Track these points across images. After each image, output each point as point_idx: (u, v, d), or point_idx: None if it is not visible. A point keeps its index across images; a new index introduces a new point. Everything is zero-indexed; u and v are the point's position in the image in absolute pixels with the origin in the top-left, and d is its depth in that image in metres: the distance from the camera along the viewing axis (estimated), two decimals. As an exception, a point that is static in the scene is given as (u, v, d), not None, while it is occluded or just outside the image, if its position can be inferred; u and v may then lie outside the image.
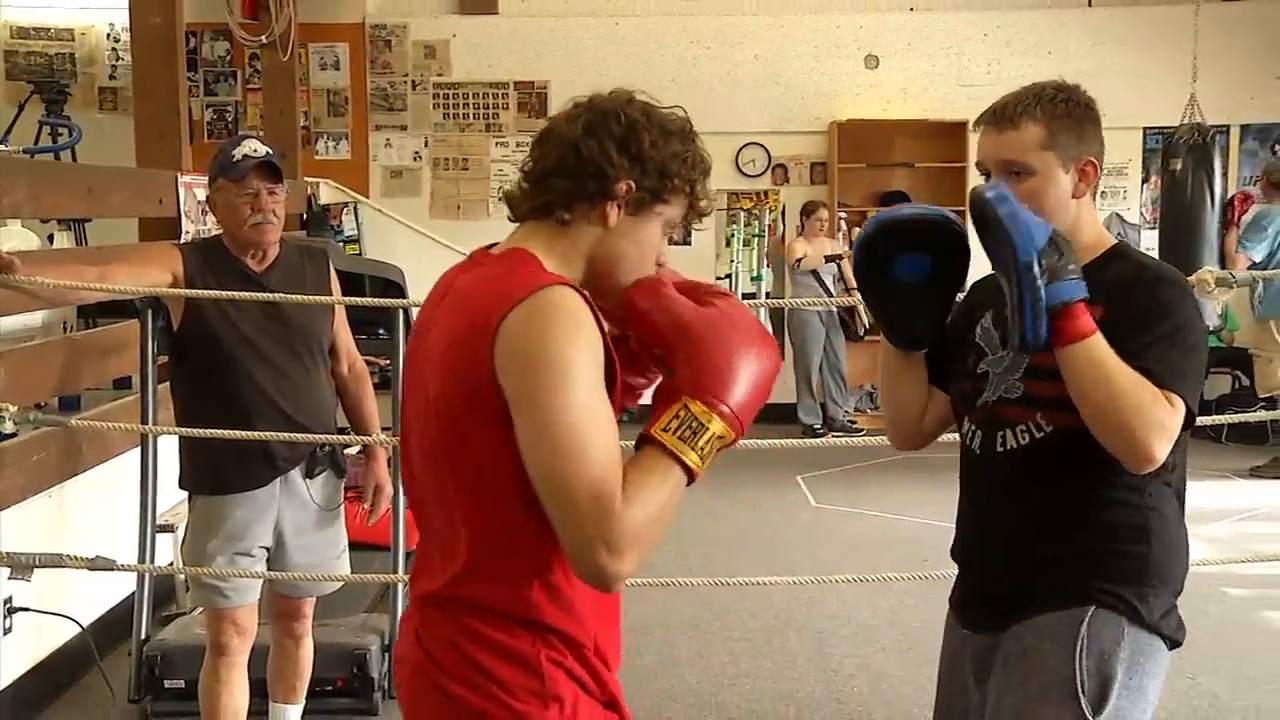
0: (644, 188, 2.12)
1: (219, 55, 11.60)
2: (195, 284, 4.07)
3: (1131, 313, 2.53)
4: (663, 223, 2.18)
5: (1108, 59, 11.46)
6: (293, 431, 4.13)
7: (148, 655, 5.06)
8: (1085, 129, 2.62)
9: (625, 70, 11.40)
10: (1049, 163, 2.58)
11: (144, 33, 6.87)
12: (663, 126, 2.14)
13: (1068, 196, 2.61)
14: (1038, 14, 11.59)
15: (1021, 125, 2.59)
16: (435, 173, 11.68)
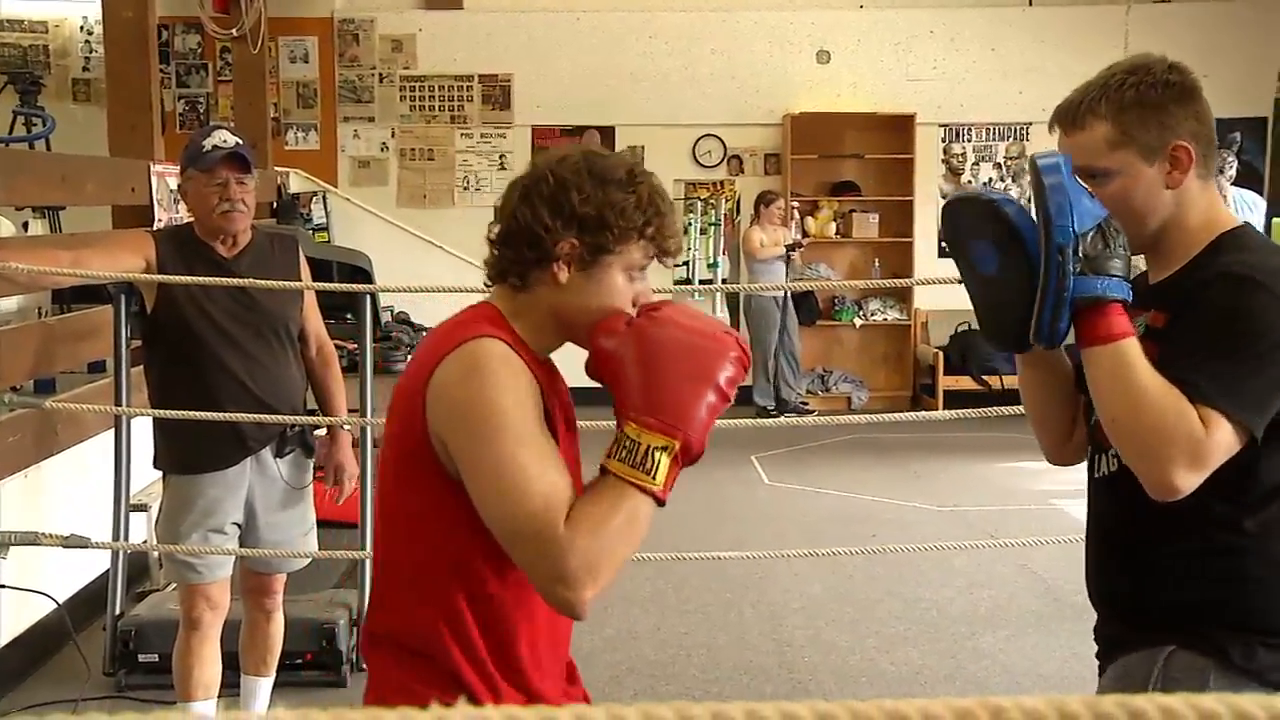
0: (585, 243, 2.09)
1: (190, 48, 11.52)
2: (167, 270, 4.04)
3: (1199, 314, 2.18)
4: (622, 268, 2.12)
5: (1047, 56, 11.51)
6: (262, 413, 4.11)
7: (122, 630, 5.03)
8: (1167, 111, 2.21)
9: (586, 64, 11.41)
10: (1127, 161, 2.22)
11: (116, 25, 6.81)
12: (599, 177, 2.09)
13: (1159, 190, 2.23)
14: (981, 12, 11.64)
15: (1088, 125, 2.23)
16: (402, 163, 11.65)
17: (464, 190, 11.66)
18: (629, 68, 11.42)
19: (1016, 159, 11.93)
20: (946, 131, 11.88)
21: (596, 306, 2.11)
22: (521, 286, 2.14)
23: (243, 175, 4.02)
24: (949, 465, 9.42)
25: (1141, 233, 2.25)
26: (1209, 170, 2.27)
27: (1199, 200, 2.26)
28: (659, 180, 2.18)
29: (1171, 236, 2.26)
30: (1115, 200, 2.20)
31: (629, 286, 2.13)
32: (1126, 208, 2.22)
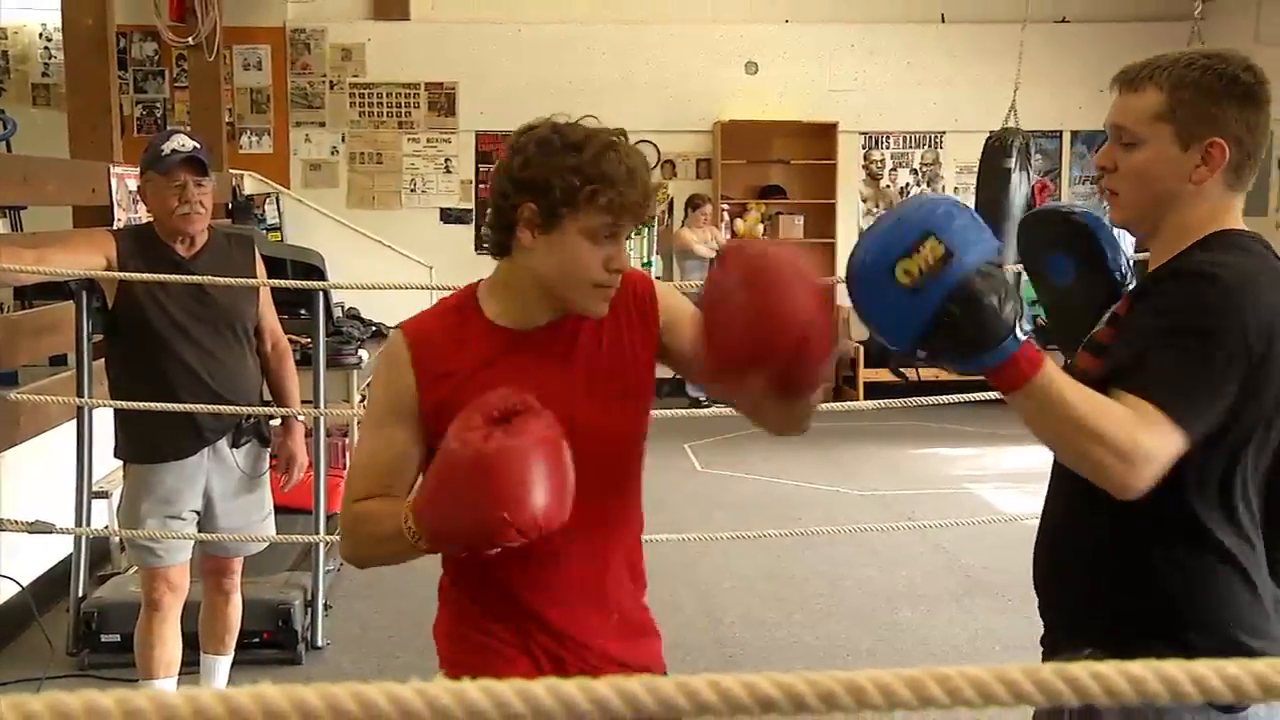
0: (540, 207, 2.06)
1: (148, 55, 11.39)
2: (128, 267, 3.99)
3: (1152, 304, 2.04)
4: (579, 231, 2.06)
5: (958, 69, 11.64)
6: (218, 405, 4.08)
7: (85, 612, 4.99)
8: (1220, 104, 2.01)
9: (527, 73, 11.37)
10: (1160, 135, 2.04)
11: (76, 33, 6.72)
12: (547, 143, 2.07)
13: (1181, 179, 2.04)
14: (898, 28, 11.71)
15: (1143, 89, 2.05)
16: (351, 166, 11.57)
17: (411, 192, 11.61)
18: (568, 76, 11.39)
19: (931, 165, 12.04)
20: (866, 139, 11.95)
21: (565, 266, 2.09)
22: (505, 255, 2.16)
23: (200, 178, 3.98)
24: (869, 452, 9.48)
25: (1145, 213, 2.12)
26: (1240, 181, 2.07)
27: (1215, 205, 2.07)
28: (627, 146, 2.10)
29: (1172, 228, 2.09)
30: (1136, 169, 2.07)
31: (594, 250, 2.08)
32: (1142, 181, 2.08)
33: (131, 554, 4.48)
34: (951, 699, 0.72)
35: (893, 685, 0.71)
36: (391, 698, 0.70)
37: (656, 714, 0.73)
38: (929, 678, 0.71)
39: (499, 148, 11.54)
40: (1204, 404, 1.93)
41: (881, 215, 2.03)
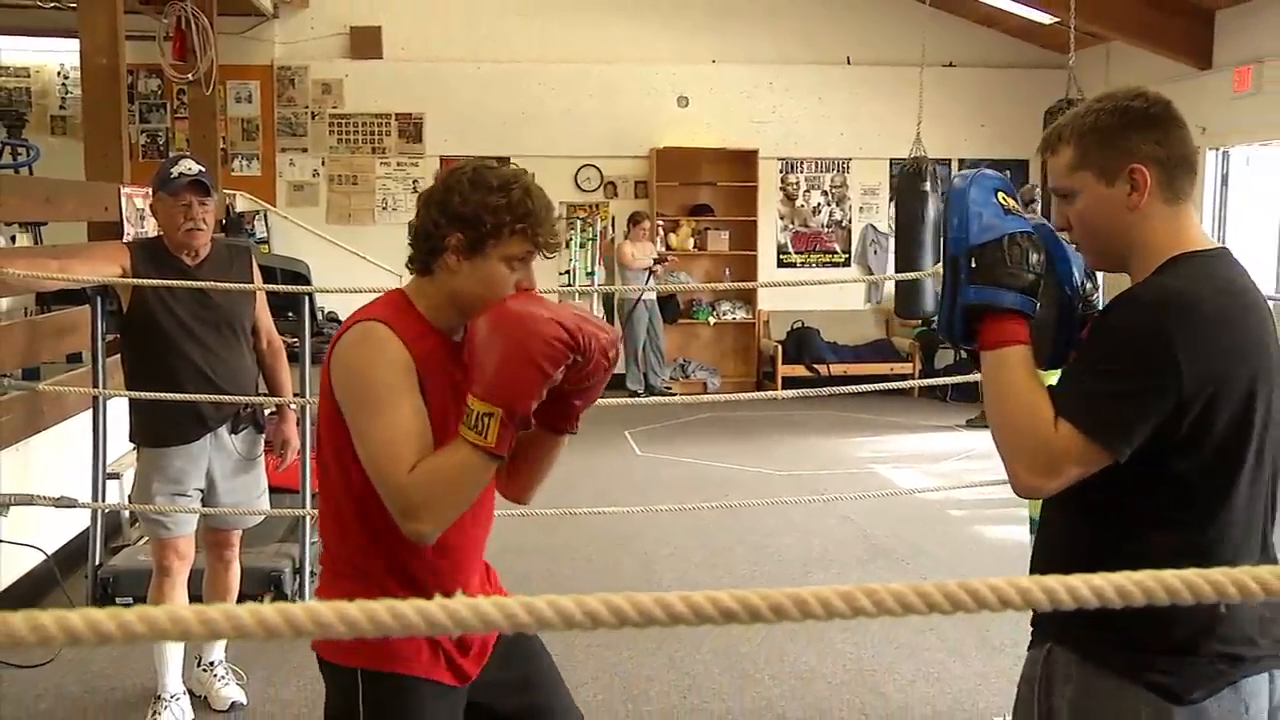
0: (468, 237, 2.14)
1: (151, 90, 11.31)
2: (140, 276, 4.01)
3: (1094, 330, 2.01)
4: (500, 258, 2.15)
5: (862, 105, 11.79)
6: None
7: (101, 577, 5.00)
8: (1124, 135, 1.95)
9: (486, 105, 11.41)
10: (1085, 182, 1.98)
11: (93, 71, 6.71)
12: (480, 184, 2.14)
13: (1121, 211, 1.96)
14: (809, 69, 11.84)
15: (1058, 150, 2.02)
16: (331, 187, 11.54)
17: (383, 210, 11.60)
18: (521, 108, 11.45)
19: (840, 187, 12.16)
20: (783, 164, 12.07)
21: (483, 289, 2.16)
22: (427, 273, 2.21)
23: (204, 198, 4.01)
24: (787, 438, 9.59)
25: (1107, 251, 2.04)
26: (1176, 194, 1.97)
27: (1163, 223, 1.97)
28: (537, 187, 2.20)
29: (1138, 257, 1.99)
30: (1080, 218, 2.01)
31: (509, 275, 2.16)
32: (1090, 226, 2.01)
33: (144, 527, 4.50)
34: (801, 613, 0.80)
35: (831, 599, 0.79)
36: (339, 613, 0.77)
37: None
38: (860, 592, 0.79)
39: (462, 171, 11.57)
40: (1123, 423, 1.85)
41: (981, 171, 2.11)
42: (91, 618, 0.75)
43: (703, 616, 0.81)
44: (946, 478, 8.02)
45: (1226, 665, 1.91)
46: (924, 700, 4.48)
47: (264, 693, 4.46)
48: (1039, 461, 1.87)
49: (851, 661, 4.85)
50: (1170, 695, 1.90)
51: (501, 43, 11.52)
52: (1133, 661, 1.92)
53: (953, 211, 2.00)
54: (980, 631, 5.17)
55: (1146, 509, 1.92)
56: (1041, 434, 1.86)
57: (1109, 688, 1.94)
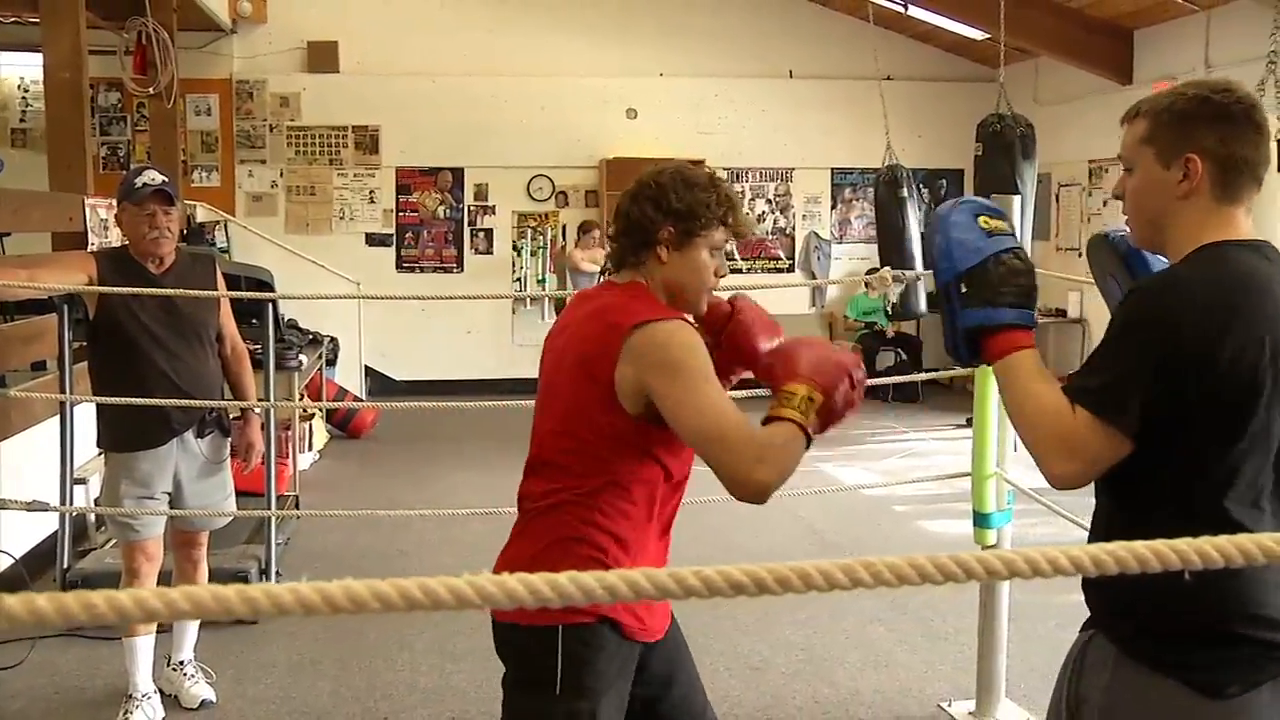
0: (679, 229, 2.31)
1: (112, 103, 11.14)
2: (107, 284, 3.95)
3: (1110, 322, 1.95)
4: (707, 247, 2.33)
5: (804, 116, 11.85)
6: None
7: (70, 579, 4.95)
8: (1192, 122, 1.89)
9: (441, 118, 11.35)
10: (1145, 159, 1.94)
11: (56, 85, 6.63)
12: (688, 181, 2.32)
13: (1168, 196, 1.92)
14: (753, 81, 11.87)
15: (1135, 121, 1.97)
16: (289, 197, 11.42)
17: (340, 219, 11.50)
18: (476, 121, 11.40)
19: (784, 196, 12.20)
20: (729, 174, 12.07)
21: (693, 277, 2.35)
22: (637, 265, 2.35)
23: (168, 208, 3.95)
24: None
25: (1149, 230, 2.00)
26: (1230, 194, 1.91)
27: (1205, 218, 1.91)
28: (731, 186, 2.39)
29: (1173, 244, 1.95)
30: (1133, 193, 1.98)
31: (711, 261, 2.35)
32: (1138, 202, 1.98)
33: (113, 530, 4.43)
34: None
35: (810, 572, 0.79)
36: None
37: None
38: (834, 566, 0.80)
39: (415, 180, 11.52)
40: (1122, 400, 1.84)
41: (963, 198, 2.15)
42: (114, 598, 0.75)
43: (714, 590, 0.86)
44: (890, 474, 8.07)
45: (1265, 659, 1.85)
46: (873, 687, 4.50)
47: (233, 690, 4.41)
48: (1063, 449, 1.86)
49: (803, 652, 4.86)
50: (1206, 689, 1.83)
51: (456, 57, 11.46)
52: (1167, 653, 1.86)
53: (937, 242, 2.02)
54: (925, 622, 5.20)
55: (1158, 484, 1.88)
56: (1062, 423, 1.86)
57: (1142, 679, 1.88)
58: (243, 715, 4.23)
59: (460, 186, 11.63)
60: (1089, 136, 10.54)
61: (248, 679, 4.52)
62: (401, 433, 9.67)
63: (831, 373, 2.13)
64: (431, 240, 11.64)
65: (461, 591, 0.77)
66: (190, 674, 4.34)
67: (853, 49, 11.24)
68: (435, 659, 4.69)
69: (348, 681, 4.52)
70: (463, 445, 9.01)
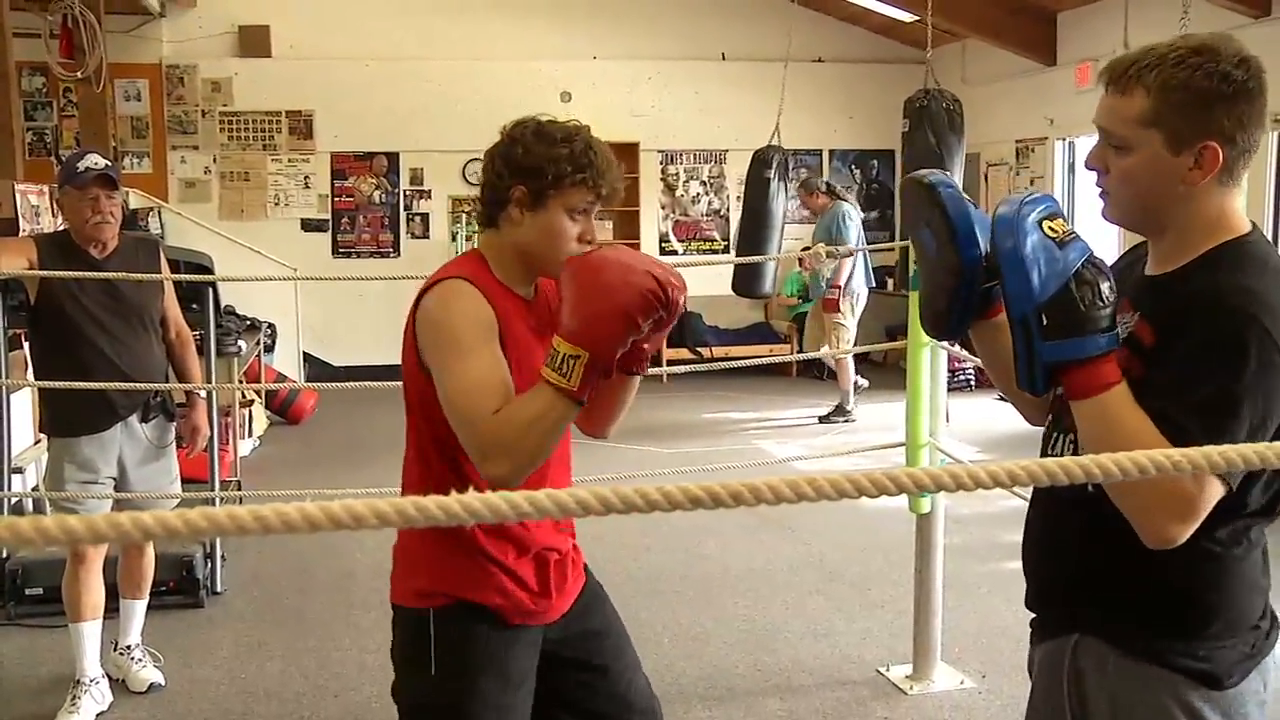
0: (531, 188, 2.13)
1: (36, 87, 10.94)
2: (48, 268, 3.93)
3: (1189, 344, 1.66)
4: (563, 208, 2.14)
5: (736, 98, 11.92)
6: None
7: (10, 569, 4.89)
8: (1211, 107, 1.64)
9: (374, 102, 11.29)
10: (1150, 142, 1.68)
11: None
12: (542, 136, 2.14)
13: (1173, 183, 1.68)
14: (686, 64, 11.93)
15: (1130, 91, 1.69)
16: (223, 183, 11.32)
17: (275, 205, 11.41)
18: (410, 105, 11.36)
19: (717, 178, 12.28)
20: (663, 156, 12.16)
21: (546, 239, 2.16)
22: (494, 228, 2.21)
23: (111, 192, 3.93)
24: (672, 416, 9.69)
25: (1135, 215, 1.80)
26: (1234, 177, 1.71)
27: (1212, 203, 1.72)
28: (599, 141, 2.18)
29: (1175, 233, 1.74)
30: (1126, 174, 1.73)
31: (571, 226, 2.16)
32: (1133, 186, 1.73)
33: (57, 515, 4.41)
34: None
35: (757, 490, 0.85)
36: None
37: None
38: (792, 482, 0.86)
39: (350, 165, 11.46)
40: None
41: (1003, 198, 1.78)
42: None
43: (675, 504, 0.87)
44: (826, 450, 8.19)
45: (1256, 645, 1.80)
46: (814, 655, 4.60)
47: (181, 673, 4.41)
48: (1188, 513, 1.62)
49: (745, 622, 4.95)
50: (1211, 680, 1.76)
51: (388, 41, 11.40)
52: (1170, 649, 1.77)
53: (1005, 268, 1.68)
54: (862, 592, 5.32)
55: None
56: (1183, 486, 1.59)
57: (1148, 676, 1.78)
58: (191, 698, 4.24)
59: (396, 171, 11.59)
60: (1016, 116, 10.74)
61: (195, 661, 4.53)
62: (340, 418, 9.65)
63: (604, 325, 1.93)
64: (368, 225, 11.59)
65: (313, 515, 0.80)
66: (138, 658, 4.33)
67: (783, 32, 11.29)
68: (381, 637, 4.67)
69: (295, 661, 4.55)
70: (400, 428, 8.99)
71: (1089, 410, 1.68)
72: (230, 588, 5.31)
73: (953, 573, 4.75)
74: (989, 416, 9.36)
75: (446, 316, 2.10)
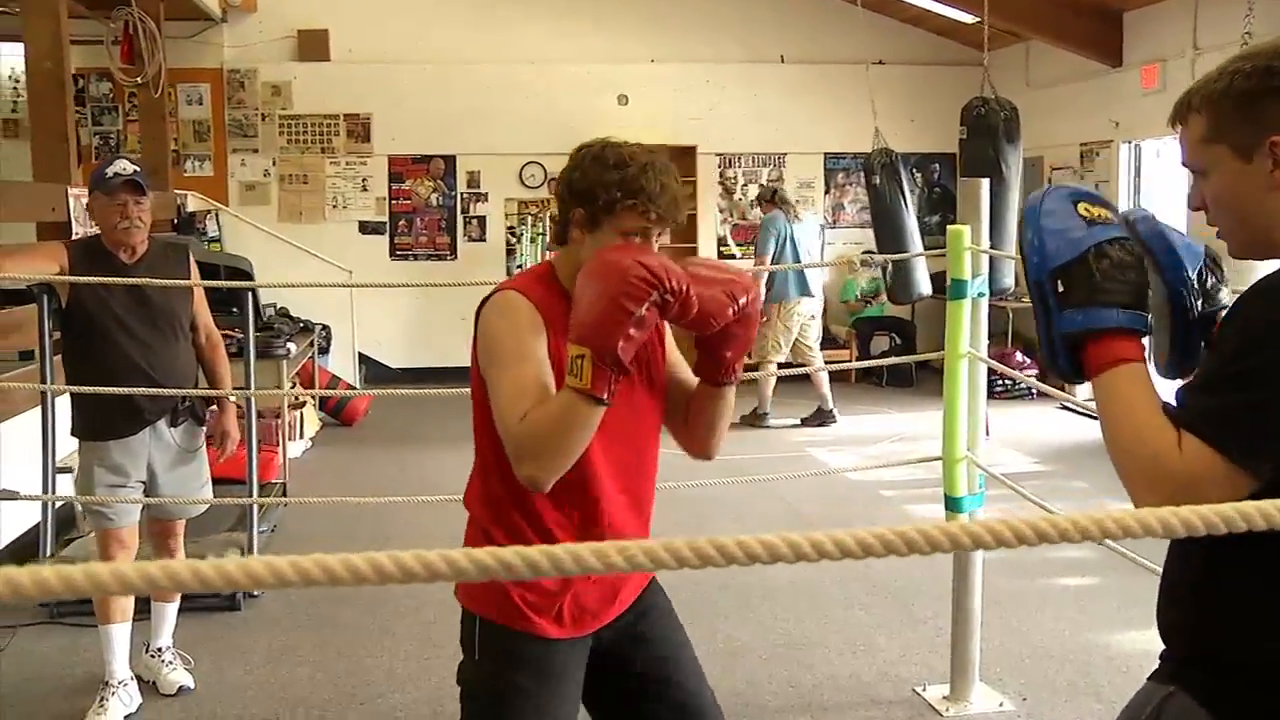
0: (587, 212, 2.19)
1: (103, 93, 11.11)
2: (77, 273, 3.95)
3: (1225, 331, 1.61)
4: (617, 232, 2.17)
5: (796, 101, 11.80)
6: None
7: (51, 569, 4.93)
8: (1260, 102, 1.57)
9: (432, 105, 11.32)
10: (1219, 157, 1.62)
11: (38, 74, 6.62)
12: (600, 160, 2.18)
13: (1261, 190, 1.59)
14: (743, 67, 11.82)
15: (1189, 119, 1.66)
16: (281, 186, 11.40)
17: (332, 208, 11.47)
18: (467, 108, 11.37)
19: (775, 181, 12.15)
20: (721, 159, 12.06)
21: None
22: (564, 245, 2.28)
23: (139, 197, 3.94)
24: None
25: (1249, 237, 1.66)
26: None
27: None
28: (660, 165, 2.20)
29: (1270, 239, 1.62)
30: (1216, 199, 1.66)
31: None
32: (1227, 208, 1.65)
33: (89, 518, 4.44)
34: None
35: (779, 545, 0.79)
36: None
37: None
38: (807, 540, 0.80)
39: (408, 168, 11.51)
40: (1248, 429, 1.51)
41: (1058, 185, 1.81)
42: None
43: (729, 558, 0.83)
44: (879, 459, 8.05)
45: None
46: (850, 672, 4.50)
47: (211, 676, 4.42)
48: (1168, 490, 1.51)
49: (781, 636, 4.86)
50: None
51: (446, 45, 11.42)
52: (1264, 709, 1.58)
53: (1027, 236, 1.70)
54: (906, 606, 5.20)
55: None
56: (1167, 461, 1.52)
57: None
58: (219, 701, 4.24)
59: (452, 174, 11.61)
60: (1081, 119, 10.49)
61: (226, 665, 4.53)
62: (394, 419, 9.68)
63: (598, 318, 1.98)
64: (425, 228, 11.62)
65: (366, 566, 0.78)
66: (168, 660, 4.35)
67: (844, 33, 11.19)
68: (415, 645, 4.70)
69: (326, 667, 4.53)
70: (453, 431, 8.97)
71: (1099, 389, 1.63)
72: (268, 592, 5.31)
73: (998, 589, 4.63)
74: (1047, 426, 9.17)
75: (495, 328, 2.18)
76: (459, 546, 2.40)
